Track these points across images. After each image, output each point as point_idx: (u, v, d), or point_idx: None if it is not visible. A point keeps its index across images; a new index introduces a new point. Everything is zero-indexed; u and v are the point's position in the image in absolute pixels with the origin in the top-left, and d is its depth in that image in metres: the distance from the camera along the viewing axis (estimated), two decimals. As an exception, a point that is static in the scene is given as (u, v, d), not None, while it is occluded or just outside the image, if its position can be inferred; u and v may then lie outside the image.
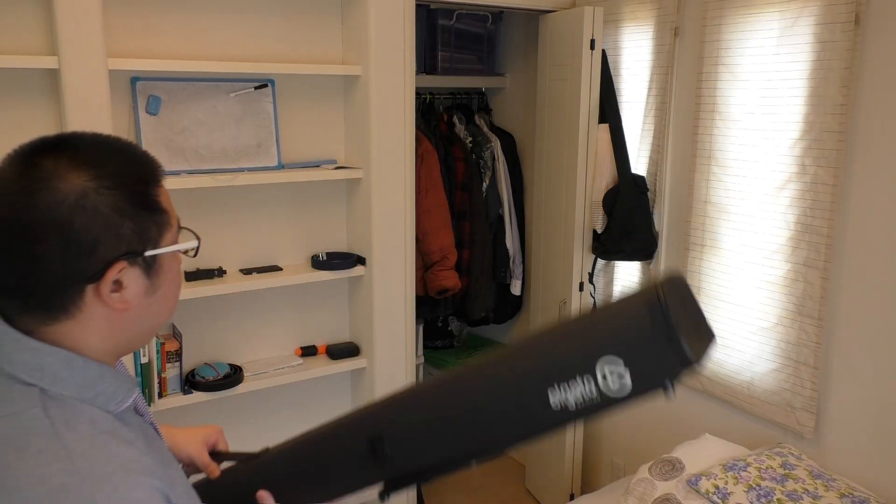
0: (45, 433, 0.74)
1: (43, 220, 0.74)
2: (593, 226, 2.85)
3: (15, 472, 0.72)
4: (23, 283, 0.76)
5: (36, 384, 0.77)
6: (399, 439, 1.01)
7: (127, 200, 0.79)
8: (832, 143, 2.11)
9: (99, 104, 2.06)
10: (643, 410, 2.92)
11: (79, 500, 0.71)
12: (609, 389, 0.86)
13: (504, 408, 0.94)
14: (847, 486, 2.06)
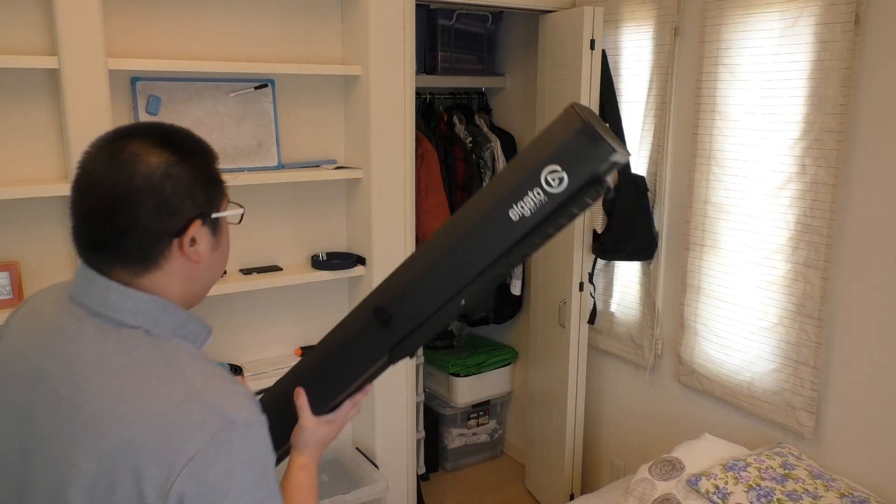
0: (160, 362, 0.92)
1: (141, 187, 0.92)
2: (593, 226, 2.86)
3: (142, 394, 0.89)
4: (123, 240, 0.93)
5: (140, 326, 0.95)
6: (398, 299, 1.17)
7: (199, 172, 0.99)
8: (832, 143, 2.11)
9: (99, 104, 2.06)
10: (643, 410, 2.92)
11: (203, 406, 0.88)
12: (553, 189, 1.05)
13: (476, 237, 1.11)
14: (847, 486, 2.06)
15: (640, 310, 2.85)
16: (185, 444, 0.86)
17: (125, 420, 0.88)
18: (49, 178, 2.18)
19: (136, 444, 0.87)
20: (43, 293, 1.07)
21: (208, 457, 0.86)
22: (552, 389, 3.10)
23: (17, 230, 2.18)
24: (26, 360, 0.98)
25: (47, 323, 0.99)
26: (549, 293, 3.07)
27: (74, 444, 0.89)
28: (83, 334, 0.95)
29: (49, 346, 0.96)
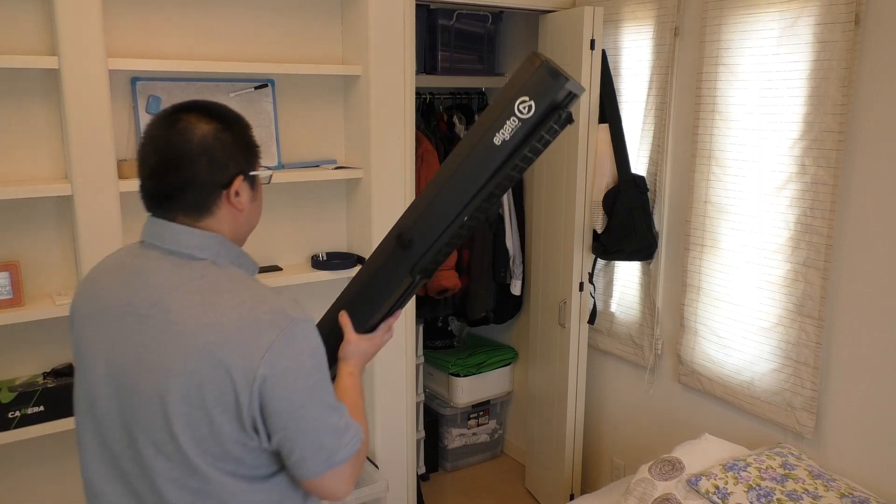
0: (228, 282, 1.19)
1: (197, 149, 1.17)
2: (593, 226, 2.86)
3: (220, 306, 1.14)
4: (185, 191, 1.18)
5: (207, 258, 1.20)
6: (413, 224, 1.43)
7: (239, 138, 1.23)
8: (832, 143, 2.11)
9: (99, 104, 2.06)
10: (643, 410, 2.92)
11: (270, 309, 1.15)
12: (525, 116, 1.32)
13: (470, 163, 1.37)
14: (847, 485, 2.06)
15: (640, 310, 2.85)
16: (262, 338, 1.12)
17: (211, 327, 1.12)
18: (49, 178, 2.18)
19: (222, 343, 1.11)
20: (111, 257, 1.32)
21: (280, 346, 1.12)
22: (552, 389, 3.10)
23: (17, 230, 2.18)
24: (113, 300, 1.21)
25: (128, 269, 1.23)
26: (549, 293, 3.07)
27: (169, 353, 1.13)
28: (162, 269, 1.19)
29: (132, 285, 1.20)
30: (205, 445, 1.13)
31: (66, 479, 2.39)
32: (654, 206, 2.74)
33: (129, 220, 2.34)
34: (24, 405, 2.11)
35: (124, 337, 1.18)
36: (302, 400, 1.14)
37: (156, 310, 1.16)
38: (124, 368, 1.17)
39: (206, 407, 1.11)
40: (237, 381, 1.10)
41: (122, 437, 1.19)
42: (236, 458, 1.15)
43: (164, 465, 1.15)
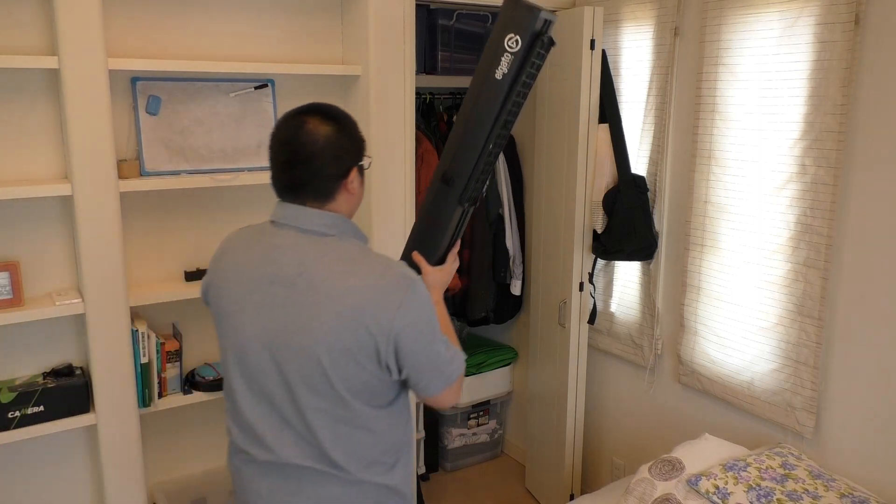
0: (357, 252, 1.48)
1: (322, 147, 1.44)
2: (593, 226, 2.86)
3: (358, 272, 1.42)
4: (313, 181, 1.45)
5: (335, 234, 1.48)
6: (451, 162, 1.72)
7: (352, 136, 1.50)
8: (832, 143, 2.11)
9: (99, 104, 2.06)
10: (643, 410, 2.92)
11: (395, 273, 1.44)
12: (514, 49, 1.61)
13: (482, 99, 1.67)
14: (847, 486, 2.06)
15: (640, 310, 2.85)
16: (394, 297, 1.40)
17: (353, 290, 1.40)
18: (49, 178, 2.18)
19: (363, 303, 1.39)
20: (241, 233, 1.59)
21: (408, 303, 1.41)
22: (552, 389, 3.10)
23: (17, 230, 2.18)
24: (257, 272, 1.47)
25: (266, 245, 1.49)
26: (549, 293, 3.07)
27: (318, 312, 1.40)
28: (301, 245, 1.46)
29: (274, 258, 1.46)
30: (349, 383, 1.43)
31: (66, 480, 2.40)
32: (654, 206, 2.74)
33: (128, 219, 2.34)
34: (24, 405, 2.11)
35: (274, 302, 1.45)
36: (425, 342, 1.45)
37: (301, 278, 1.43)
38: (276, 327, 1.44)
39: (353, 353, 1.41)
40: (377, 334, 1.39)
41: (275, 380, 1.46)
42: (371, 390, 1.46)
43: (315, 400, 1.44)
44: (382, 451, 1.53)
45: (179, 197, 2.44)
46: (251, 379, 1.50)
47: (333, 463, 1.48)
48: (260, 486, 1.53)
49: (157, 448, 2.56)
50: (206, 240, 2.52)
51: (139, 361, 2.27)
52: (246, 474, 1.56)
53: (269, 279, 1.46)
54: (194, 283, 2.41)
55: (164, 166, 2.33)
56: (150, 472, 2.54)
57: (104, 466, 2.25)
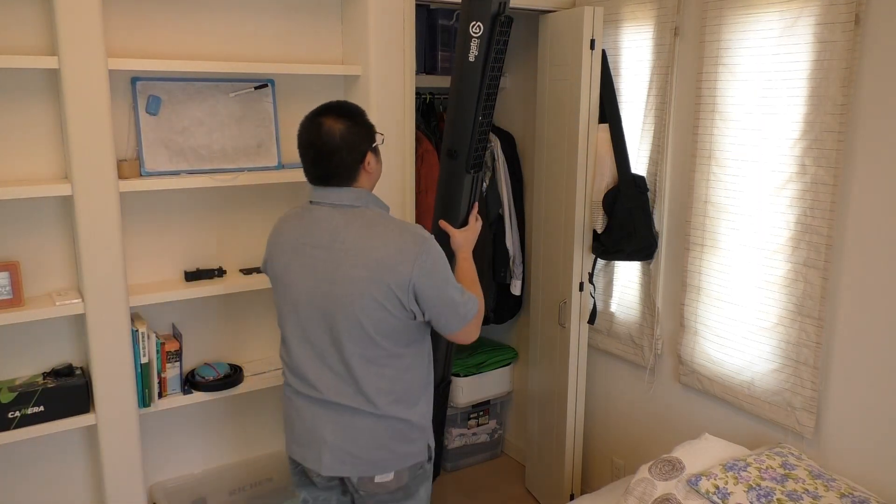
0: (379, 219, 1.80)
1: (340, 143, 1.77)
2: (593, 226, 2.85)
3: (380, 234, 1.75)
4: (337, 171, 1.79)
5: (361, 206, 1.81)
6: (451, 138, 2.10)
7: (363, 126, 1.83)
8: (832, 143, 2.11)
9: (99, 104, 2.06)
10: (643, 410, 2.92)
11: (410, 232, 1.77)
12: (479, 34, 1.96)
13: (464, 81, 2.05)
14: (847, 486, 2.06)
15: (640, 310, 2.85)
16: (409, 252, 1.73)
17: (376, 247, 1.74)
18: (49, 178, 2.18)
19: (385, 258, 1.73)
20: (291, 213, 1.93)
21: (423, 256, 1.74)
22: (552, 389, 3.10)
23: (17, 230, 2.18)
24: (303, 240, 1.83)
25: (307, 219, 1.84)
26: (549, 293, 3.07)
27: (350, 269, 1.74)
28: (333, 217, 1.80)
29: (313, 229, 1.82)
30: (379, 327, 1.76)
31: (66, 480, 2.40)
32: (654, 206, 2.74)
33: (128, 219, 2.34)
34: (24, 405, 2.11)
35: (316, 263, 1.79)
36: (439, 288, 1.77)
37: (336, 242, 1.77)
38: (319, 283, 1.78)
39: (380, 301, 1.73)
40: (399, 284, 1.73)
41: (319, 329, 1.80)
42: (398, 332, 1.79)
43: (351, 344, 1.77)
44: (406, 388, 1.84)
45: (179, 197, 2.44)
46: (301, 328, 1.85)
47: (365, 399, 1.80)
48: (305, 414, 1.88)
49: (156, 448, 2.56)
50: (206, 240, 2.52)
51: (139, 361, 2.27)
52: (295, 403, 1.91)
53: (312, 245, 1.81)
54: (194, 283, 2.41)
55: (164, 166, 2.33)
56: (150, 472, 2.54)
57: (104, 466, 2.25)
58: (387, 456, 1.85)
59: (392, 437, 1.84)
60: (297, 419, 1.90)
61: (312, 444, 1.86)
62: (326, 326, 1.79)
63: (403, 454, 1.87)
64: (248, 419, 2.74)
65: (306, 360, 1.85)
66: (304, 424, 1.88)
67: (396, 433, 1.84)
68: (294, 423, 1.92)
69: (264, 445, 2.79)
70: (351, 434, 1.82)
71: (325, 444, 1.83)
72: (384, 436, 1.83)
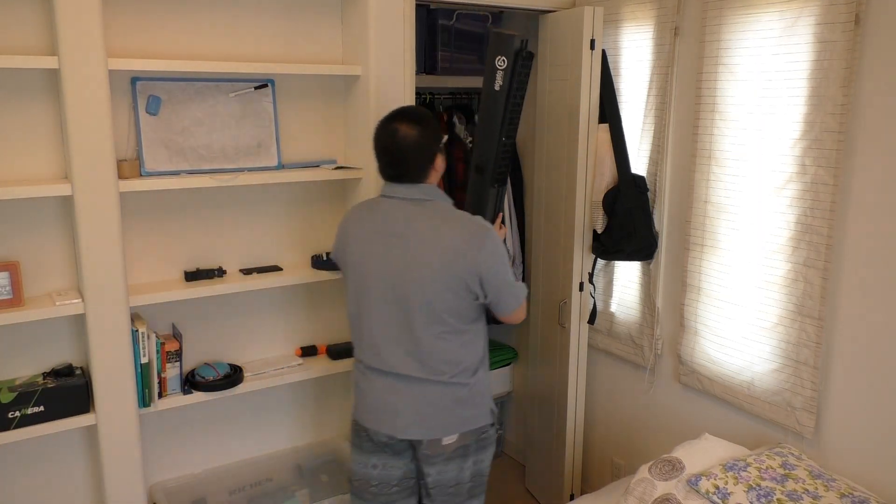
0: (448, 211, 2.04)
1: (413, 147, 2.00)
2: (593, 226, 2.86)
3: (450, 224, 1.99)
4: (409, 170, 2.02)
5: (430, 199, 2.04)
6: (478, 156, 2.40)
7: (433, 130, 2.05)
8: (832, 143, 2.11)
9: (99, 104, 2.06)
10: (643, 410, 2.92)
11: (475, 223, 2.01)
12: (503, 67, 2.28)
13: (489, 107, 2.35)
14: (847, 486, 2.06)
15: (640, 310, 2.85)
16: (477, 240, 1.98)
17: (446, 236, 1.98)
18: (49, 178, 2.18)
19: (455, 246, 1.96)
20: (363, 205, 2.16)
21: (487, 244, 1.99)
22: (552, 389, 3.10)
23: (17, 230, 2.18)
24: (376, 228, 2.05)
25: (381, 211, 2.07)
26: (549, 293, 3.07)
27: (423, 256, 1.97)
28: (406, 208, 2.03)
29: (387, 219, 2.04)
30: (447, 305, 1.99)
31: (66, 480, 2.40)
32: (654, 206, 2.74)
33: (128, 220, 2.34)
34: (24, 405, 2.11)
35: (391, 249, 2.01)
36: (501, 273, 2.03)
37: (409, 230, 2.00)
38: (394, 267, 2.00)
39: (449, 284, 1.97)
40: (466, 269, 1.97)
41: (393, 309, 2.02)
42: (463, 312, 2.03)
43: (422, 322, 2.00)
44: (468, 360, 2.08)
45: (179, 197, 2.44)
46: (375, 309, 2.05)
47: (432, 370, 2.03)
48: (378, 385, 2.09)
49: (156, 448, 2.56)
50: (206, 240, 2.52)
51: (139, 361, 2.27)
52: (368, 377, 2.11)
53: (387, 233, 2.02)
54: (194, 283, 2.41)
55: (164, 166, 2.33)
56: (150, 472, 2.54)
57: (104, 466, 2.25)
58: (452, 420, 2.08)
59: (456, 403, 2.07)
60: (369, 391, 2.11)
61: (386, 412, 2.08)
62: (400, 307, 2.01)
63: (467, 418, 2.10)
64: (248, 419, 2.74)
65: (379, 338, 2.05)
66: (378, 395, 2.09)
67: (460, 399, 2.07)
68: (367, 395, 2.12)
69: (264, 445, 2.79)
70: (421, 402, 2.05)
71: (398, 412, 2.06)
72: (449, 402, 2.06)
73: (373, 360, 2.08)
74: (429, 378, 2.03)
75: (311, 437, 2.89)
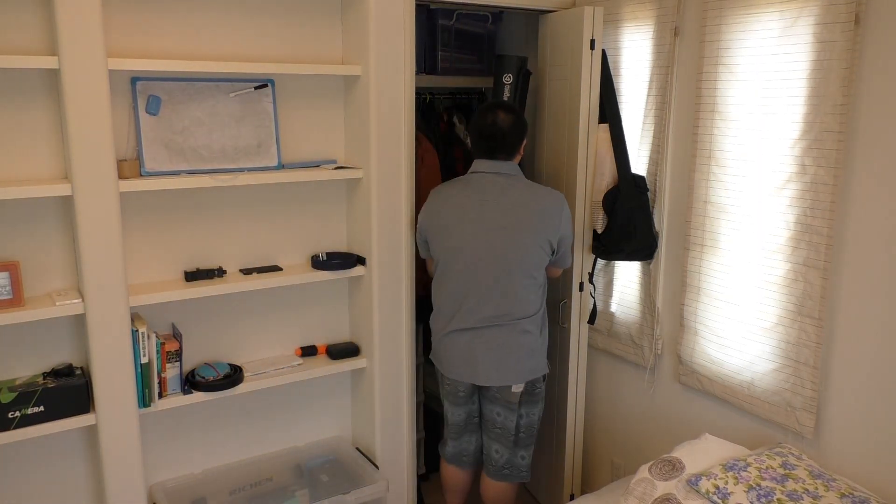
0: (534, 184, 2.51)
1: (508, 128, 2.46)
2: (593, 226, 2.86)
3: (537, 194, 2.47)
4: (505, 147, 2.48)
5: (517, 175, 2.50)
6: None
7: (523, 122, 2.52)
8: (832, 142, 2.11)
9: (99, 104, 2.06)
10: (643, 410, 2.92)
11: (555, 193, 2.49)
12: (508, 82, 2.89)
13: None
14: (847, 485, 2.06)
15: (640, 310, 2.85)
16: (558, 207, 2.45)
17: (535, 202, 2.43)
18: (49, 178, 2.18)
19: (542, 210, 2.42)
20: (453, 181, 2.54)
21: (566, 210, 2.47)
22: (552, 389, 3.10)
23: (17, 230, 2.18)
24: (470, 199, 2.45)
25: (473, 184, 2.47)
26: (549, 293, 3.06)
27: (516, 220, 2.40)
28: (499, 181, 2.45)
29: (482, 189, 2.45)
30: (534, 260, 2.43)
31: (66, 480, 2.40)
32: (654, 206, 2.74)
33: (128, 220, 2.34)
34: (24, 405, 2.11)
35: (486, 213, 2.41)
36: (570, 234, 2.53)
37: (504, 198, 2.41)
38: (488, 232, 2.41)
39: (539, 243, 2.42)
40: (551, 229, 2.43)
41: (487, 267, 2.41)
42: (542, 266, 2.47)
43: (511, 276, 2.41)
44: (542, 314, 2.51)
45: (179, 197, 2.44)
46: (465, 271, 2.44)
47: (514, 317, 2.43)
48: (460, 343, 2.49)
49: (157, 448, 2.56)
50: (206, 240, 2.52)
51: (139, 361, 2.27)
52: (452, 338, 2.49)
53: (481, 201, 2.43)
54: (194, 283, 2.41)
55: (164, 166, 2.33)
56: (150, 472, 2.54)
57: (104, 466, 2.25)
58: (521, 369, 2.48)
59: (527, 354, 2.47)
60: (453, 349, 2.51)
61: (468, 364, 2.49)
62: (497, 263, 2.40)
63: (531, 368, 2.50)
64: (248, 419, 2.74)
65: (467, 296, 2.44)
66: (461, 352, 2.49)
67: (530, 351, 2.48)
68: (451, 353, 2.52)
69: (264, 445, 2.79)
70: (499, 353, 2.45)
71: (478, 363, 2.46)
72: (522, 353, 2.46)
73: (452, 322, 2.48)
74: (507, 324, 2.43)
75: (311, 438, 2.89)
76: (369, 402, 2.79)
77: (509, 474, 2.64)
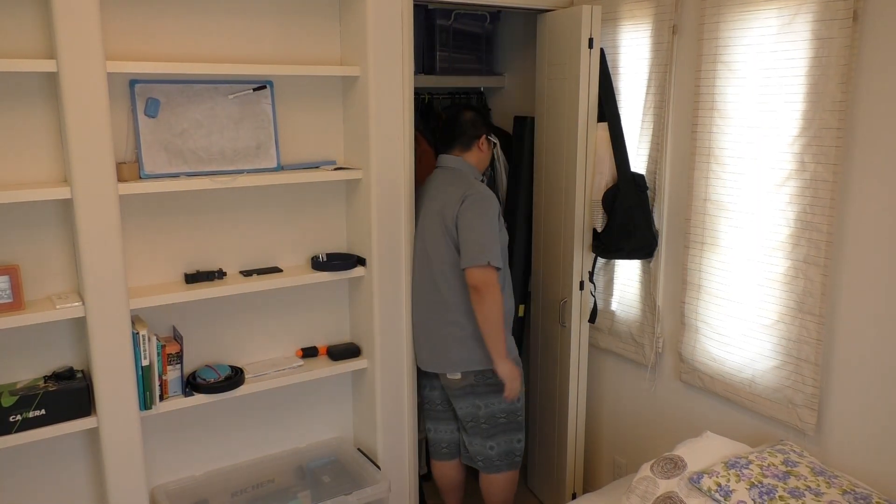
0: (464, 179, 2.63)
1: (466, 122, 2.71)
2: (593, 225, 2.85)
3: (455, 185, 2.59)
4: (460, 138, 2.70)
5: (461, 170, 2.67)
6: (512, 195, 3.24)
7: (483, 120, 2.74)
8: (831, 139, 2.11)
9: (98, 107, 2.06)
10: (644, 409, 2.92)
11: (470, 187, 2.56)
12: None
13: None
14: (849, 482, 2.06)
15: (641, 308, 2.85)
16: (459, 195, 2.52)
17: (448, 191, 2.57)
18: (49, 182, 2.18)
19: (446, 199, 2.56)
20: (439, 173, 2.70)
21: (468, 201, 2.51)
22: (553, 389, 3.10)
23: (16, 234, 2.18)
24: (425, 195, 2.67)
25: (429, 181, 2.69)
26: (549, 292, 3.07)
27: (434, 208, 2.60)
28: (443, 176, 2.67)
29: (430, 186, 2.67)
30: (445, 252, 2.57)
31: (67, 483, 2.40)
32: (653, 205, 2.74)
33: (128, 222, 2.34)
34: (26, 409, 2.11)
35: (426, 210, 2.64)
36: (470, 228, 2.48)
37: (438, 192, 2.61)
38: (423, 226, 2.65)
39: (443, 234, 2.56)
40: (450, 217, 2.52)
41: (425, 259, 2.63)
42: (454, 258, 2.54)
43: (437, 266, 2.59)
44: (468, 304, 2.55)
45: (179, 199, 2.44)
46: (416, 263, 2.68)
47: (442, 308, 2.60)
48: (414, 329, 2.74)
49: (158, 450, 2.56)
50: (206, 242, 2.52)
51: (140, 364, 2.27)
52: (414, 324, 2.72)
53: (428, 196, 2.64)
54: (194, 285, 2.41)
55: (164, 169, 2.33)
56: (152, 474, 2.54)
57: (106, 469, 2.25)
58: (453, 359, 2.61)
59: (456, 343, 2.58)
60: (415, 336, 2.73)
61: (419, 350, 2.74)
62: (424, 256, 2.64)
63: (464, 358, 2.59)
64: (250, 421, 2.74)
65: (417, 288, 2.69)
66: (416, 339, 2.72)
67: (459, 340, 2.57)
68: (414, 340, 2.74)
69: (266, 447, 2.79)
70: (432, 342, 2.65)
71: (422, 350, 2.70)
72: (450, 342, 2.59)
73: (414, 312, 2.71)
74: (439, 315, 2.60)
75: (312, 439, 2.89)
76: (370, 402, 2.79)
77: (483, 465, 2.74)
